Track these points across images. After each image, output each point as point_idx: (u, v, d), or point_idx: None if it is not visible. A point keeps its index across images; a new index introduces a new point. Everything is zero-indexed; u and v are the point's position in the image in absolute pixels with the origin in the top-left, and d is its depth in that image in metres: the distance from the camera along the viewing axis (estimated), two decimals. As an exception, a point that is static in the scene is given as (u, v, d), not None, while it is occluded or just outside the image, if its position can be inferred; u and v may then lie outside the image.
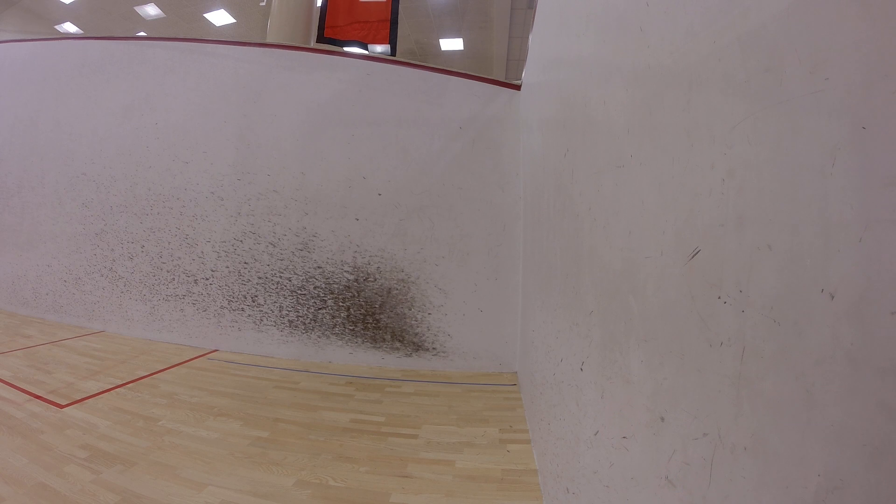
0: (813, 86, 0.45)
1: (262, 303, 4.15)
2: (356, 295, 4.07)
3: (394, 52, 5.13)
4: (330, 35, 5.21)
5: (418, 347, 3.99)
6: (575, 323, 1.43)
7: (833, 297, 0.42)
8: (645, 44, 0.90)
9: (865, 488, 0.38)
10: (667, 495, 0.73)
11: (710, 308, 0.63)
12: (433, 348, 3.98)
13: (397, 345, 4.01)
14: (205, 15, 10.14)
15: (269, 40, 6.24)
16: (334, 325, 4.06)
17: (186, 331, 4.26)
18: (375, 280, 4.05)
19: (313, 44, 6.05)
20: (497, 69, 10.77)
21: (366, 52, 5.04)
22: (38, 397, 2.73)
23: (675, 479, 0.71)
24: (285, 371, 3.70)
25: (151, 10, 10.09)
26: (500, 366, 3.92)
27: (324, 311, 4.08)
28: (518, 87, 4.13)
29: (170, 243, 4.38)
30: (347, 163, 4.14)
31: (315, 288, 4.11)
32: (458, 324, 3.97)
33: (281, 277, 4.15)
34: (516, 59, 10.19)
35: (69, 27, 10.92)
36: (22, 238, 4.91)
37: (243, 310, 4.18)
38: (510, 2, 8.32)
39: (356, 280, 4.07)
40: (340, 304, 4.07)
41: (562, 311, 1.69)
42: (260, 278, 4.17)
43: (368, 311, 4.05)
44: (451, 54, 10.83)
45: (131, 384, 3.11)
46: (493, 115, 4.15)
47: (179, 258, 4.34)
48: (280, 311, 4.13)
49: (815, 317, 0.44)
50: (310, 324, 4.09)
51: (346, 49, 5.12)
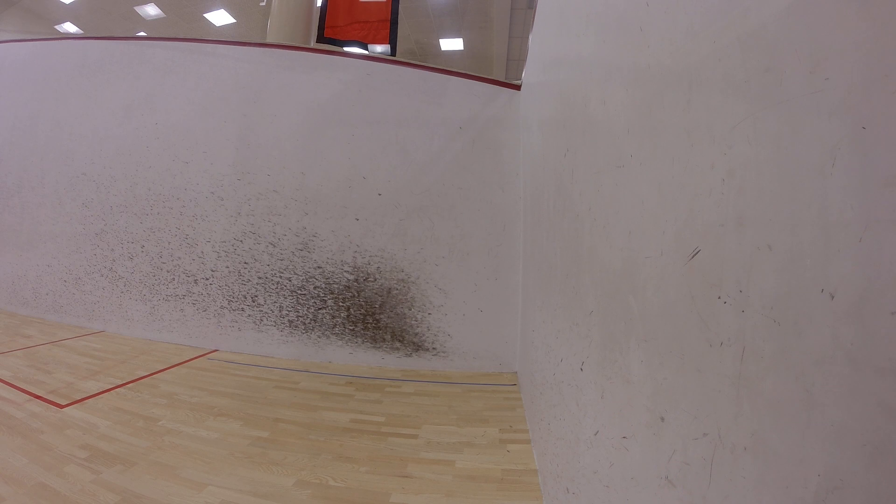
0: (813, 86, 0.45)
1: (262, 303, 4.15)
2: (356, 295, 4.07)
3: (394, 52, 5.13)
4: (330, 35, 5.21)
5: (418, 347, 3.99)
6: (575, 323, 1.43)
7: (833, 297, 0.42)
8: (645, 44, 0.90)
9: (865, 488, 0.38)
10: (667, 495, 0.73)
11: (710, 308, 0.63)
12: (433, 348, 3.98)
13: (397, 345, 4.01)
14: (205, 15, 10.14)
15: (269, 40, 6.24)
16: (334, 325, 4.06)
17: (186, 331, 4.27)
18: (375, 280, 4.05)
19: (313, 44, 6.05)
20: (497, 69, 10.77)
21: (366, 52, 5.04)
22: (38, 397, 2.73)
23: (675, 479, 0.71)
24: (285, 371, 3.70)
25: (151, 10, 10.09)
26: (500, 366, 3.92)
27: (324, 311, 4.08)
28: (518, 87, 4.13)
29: (170, 243, 4.38)
30: (347, 163, 4.14)
31: (315, 288, 4.11)
32: (458, 324, 3.97)
33: (281, 277, 4.15)
34: (516, 59, 10.19)
35: (69, 27, 10.93)
36: (22, 238, 4.91)
37: (243, 310, 4.18)
38: (510, 2, 8.32)
39: (356, 280, 4.07)
40: (340, 304, 4.07)
41: (562, 311, 1.69)
42: (260, 278, 4.17)
43: (368, 311, 4.04)
44: (451, 54, 10.83)
45: (131, 384, 3.11)
46: (493, 115, 4.15)
47: (179, 258, 4.34)
48: (280, 311, 4.13)
49: (815, 317, 0.44)
50: (310, 324, 4.09)
51: (346, 49, 5.11)
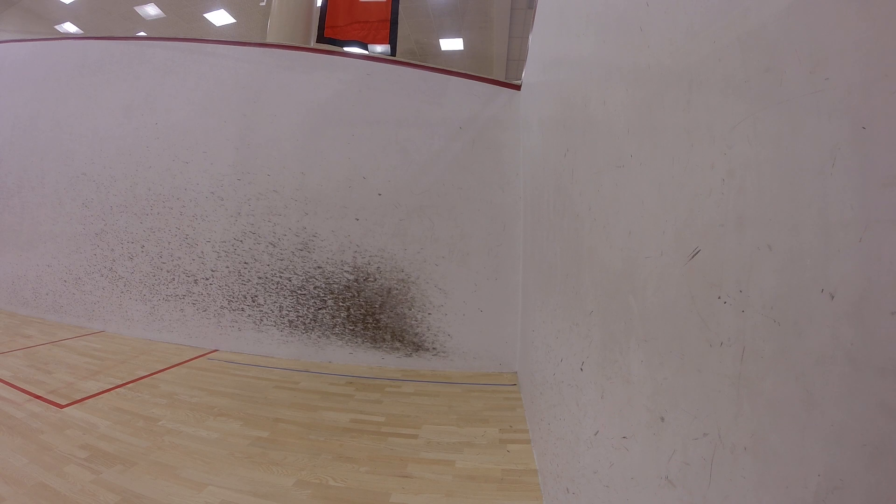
0: (813, 86, 0.45)
1: (262, 303, 4.15)
2: (356, 295, 4.06)
3: (394, 52, 5.13)
4: (330, 35, 5.21)
5: (418, 347, 3.99)
6: (575, 323, 1.43)
7: (833, 297, 0.42)
8: (645, 44, 0.90)
9: (865, 488, 0.38)
10: (667, 495, 0.73)
11: (710, 308, 0.63)
12: (433, 348, 3.98)
13: (397, 345, 4.01)
14: (205, 15, 10.14)
15: (269, 40, 6.24)
16: (334, 325, 4.06)
17: (186, 331, 4.27)
18: (375, 280, 4.05)
19: (313, 44, 6.04)
20: (497, 69, 10.77)
21: (366, 52, 5.04)
22: (38, 397, 2.73)
23: (675, 479, 0.71)
24: (285, 371, 3.70)
25: (151, 10, 10.09)
26: (500, 366, 3.92)
27: (324, 311, 4.08)
28: (518, 87, 4.13)
29: (170, 243, 4.38)
30: (347, 163, 4.14)
31: (315, 288, 4.11)
32: (458, 324, 3.97)
33: (281, 277, 4.15)
34: (516, 59, 10.19)
35: (69, 27, 10.92)
36: (22, 238, 4.91)
37: (243, 310, 4.18)
38: (510, 2, 8.32)
39: (356, 280, 4.07)
40: (340, 304, 4.07)
41: (562, 311, 1.69)
42: (260, 278, 4.17)
43: (368, 311, 4.04)
44: (451, 54, 10.83)
45: (131, 384, 3.11)
46: (493, 115, 4.15)
47: (179, 258, 4.34)
48: (280, 311, 4.13)
49: (815, 317, 0.44)
50: (310, 324, 4.09)
51: (346, 49, 5.11)
